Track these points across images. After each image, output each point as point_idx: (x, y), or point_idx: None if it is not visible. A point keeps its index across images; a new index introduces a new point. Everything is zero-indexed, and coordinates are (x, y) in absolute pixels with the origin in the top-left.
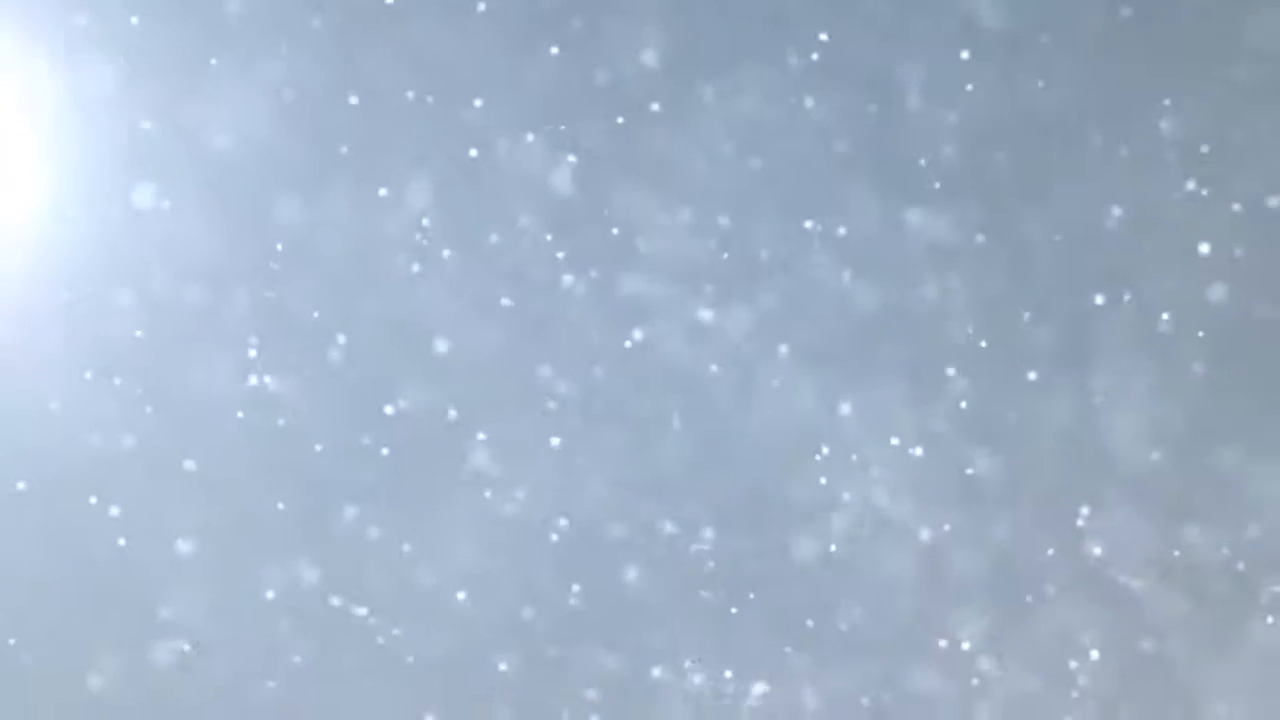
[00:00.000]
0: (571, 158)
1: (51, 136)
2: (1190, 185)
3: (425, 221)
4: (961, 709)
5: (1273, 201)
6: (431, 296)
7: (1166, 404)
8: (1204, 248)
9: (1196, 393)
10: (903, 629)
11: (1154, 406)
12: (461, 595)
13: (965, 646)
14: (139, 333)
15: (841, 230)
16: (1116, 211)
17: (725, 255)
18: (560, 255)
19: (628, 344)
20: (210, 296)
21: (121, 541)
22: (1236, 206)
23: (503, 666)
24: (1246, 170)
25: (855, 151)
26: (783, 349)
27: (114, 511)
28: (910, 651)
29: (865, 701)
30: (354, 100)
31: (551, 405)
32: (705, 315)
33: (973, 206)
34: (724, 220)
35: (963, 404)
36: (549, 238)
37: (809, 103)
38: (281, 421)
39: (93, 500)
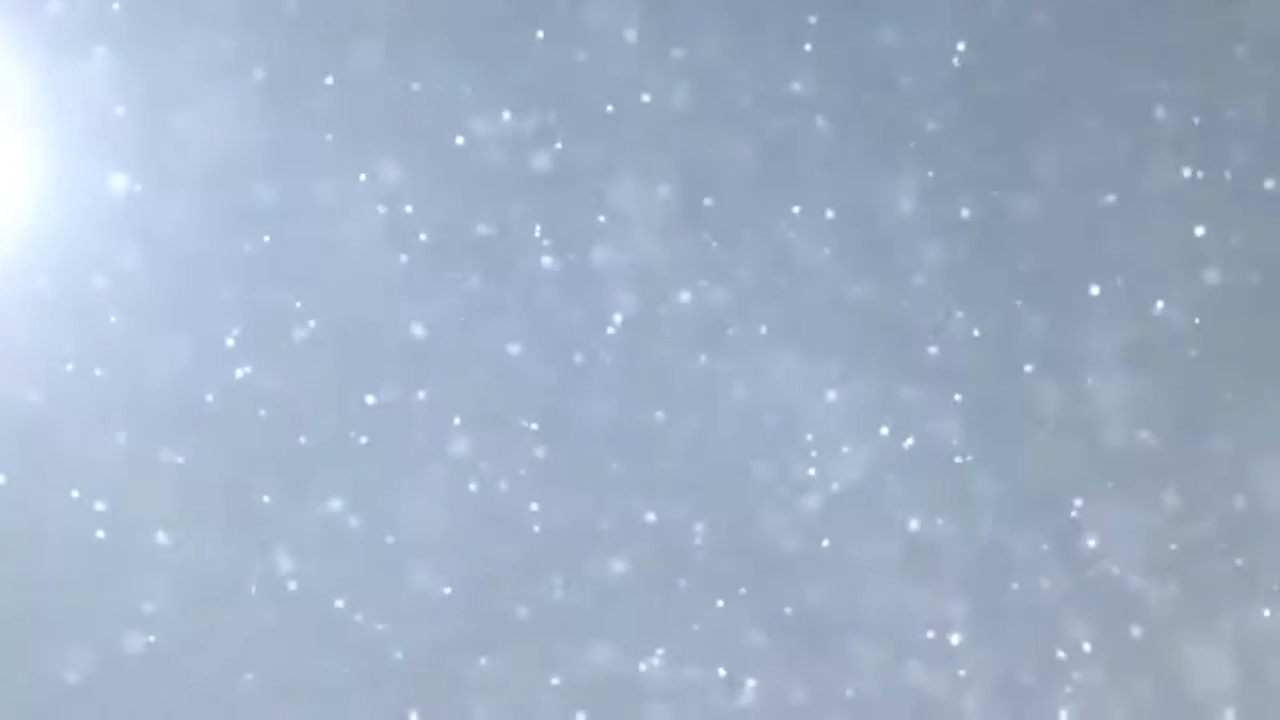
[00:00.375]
0: (557, 144)
1: (26, 125)
2: (1185, 170)
3: (408, 209)
4: (949, 701)
5: (1269, 184)
6: (413, 283)
7: (1161, 392)
8: (1199, 230)
9: (1192, 380)
10: (890, 620)
11: (1148, 394)
12: (447, 590)
13: (954, 639)
14: (119, 323)
15: (829, 213)
16: (1110, 198)
17: (713, 242)
18: (546, 242)
19: (610, 330)
20: (190, 287)
21: (101, 534)
22: (1232, 190)
23: (483, 661)
24: (1243, 153)
25: (845, 135)
26: (768, 337)
27: (96, 505)
28: (898, 643)
29: (850, 694)
30: (331, 83)
31: (533, 394)
32: (691, 302)
33: (965, 193)
34: (708, 202)
35: (957, 397)
36: (532, 221)
37: (796, 86)
38: (263, 413)
39: (75, 494)
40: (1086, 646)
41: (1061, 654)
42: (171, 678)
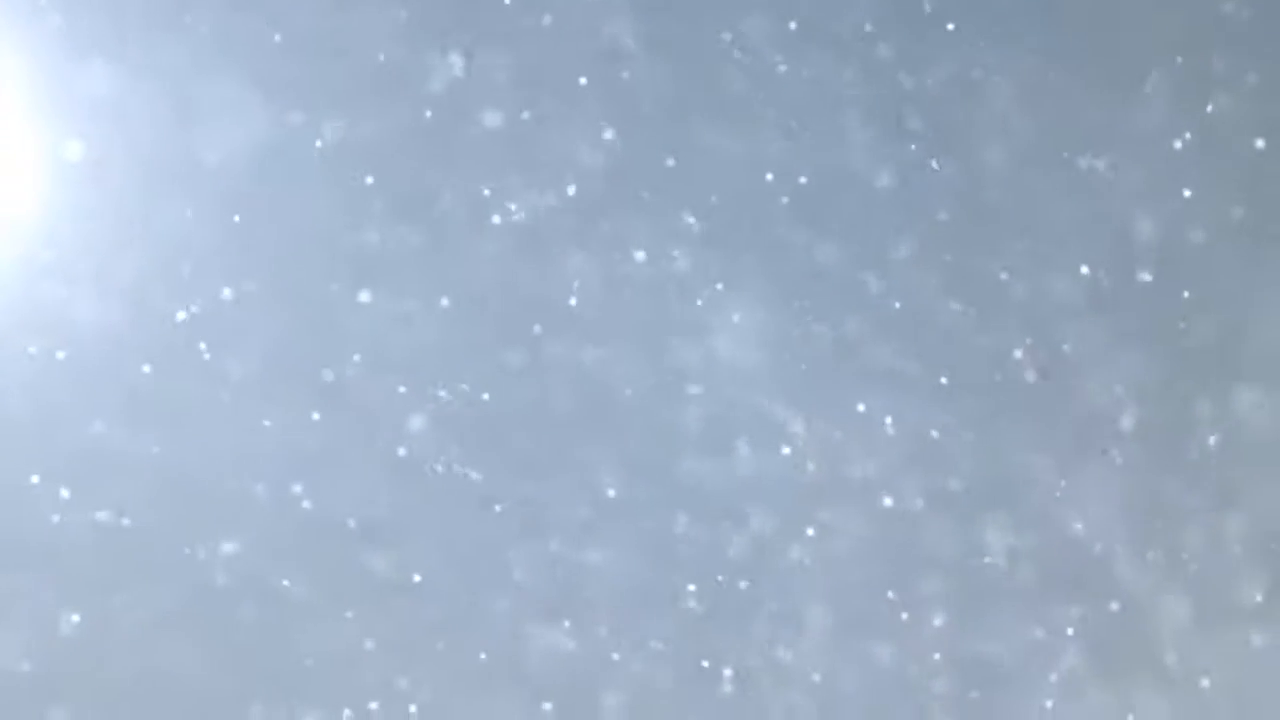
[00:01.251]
0: (525, 114)
1: None
2: (1173, 131)
3: (369, 180)
4: (920, 685)
5: (1260, 144)
6: (374, 254)
7: (1148, 365)
8: (1187, 193)
9: (1180, 353)
10: (865, 602)
11: (1135, 368)
12: (417, 578)
13: (935, 621)
14: (83, 306)
15: (802, 179)
16: (1101, 165)
17: (689, 218)
18: (507, 207)
19: (572, 301)
20: (149, 265)
21: (56, 519)
22: (1223, 148)
23: (441, 646)
24: (1232, 112)
25: (817, 97)
26: (740, 308)
27: (60, 491)
28: (872, 625)
29: (816, 678)
30: (277, 40)
31: (497, 372)
32: (659, 270)
33: (950, 165)
34: (670, 162)
35: (942, 380)
36: (491, 188)
37: (776, 57)
38: (226, 396)
39: (34, 479)
40: (1070, 631)
41: (1049, 640)
42: (135, 668)
